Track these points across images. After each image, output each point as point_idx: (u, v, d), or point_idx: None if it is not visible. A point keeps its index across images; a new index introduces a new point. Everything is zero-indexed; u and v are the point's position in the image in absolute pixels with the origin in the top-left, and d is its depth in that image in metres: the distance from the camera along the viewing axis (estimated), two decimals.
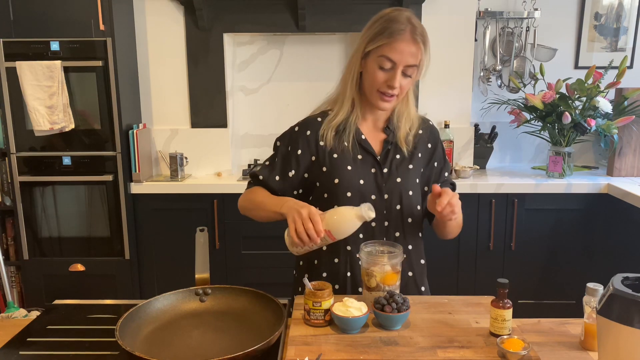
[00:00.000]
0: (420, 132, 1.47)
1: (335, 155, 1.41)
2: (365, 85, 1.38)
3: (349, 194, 1.38)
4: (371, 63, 1.34)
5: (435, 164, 1.49)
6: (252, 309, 1.24)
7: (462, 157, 3.16)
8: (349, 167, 1.40)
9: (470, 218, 2.86)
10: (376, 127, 1.46)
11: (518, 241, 2.88)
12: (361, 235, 1.39)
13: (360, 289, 1.38)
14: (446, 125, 3.08)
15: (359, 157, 1.41)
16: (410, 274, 1.45)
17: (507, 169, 3.26)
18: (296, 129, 1.45)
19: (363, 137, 1.43)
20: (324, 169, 1.41)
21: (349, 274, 1.41)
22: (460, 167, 3.00)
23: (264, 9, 2.99)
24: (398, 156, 1.43)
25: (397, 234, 1.42)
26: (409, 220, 1.43)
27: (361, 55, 1.36)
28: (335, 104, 1.43)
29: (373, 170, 1.41)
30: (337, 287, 1.40)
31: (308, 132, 1.43)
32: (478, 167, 3.15)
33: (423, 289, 1.49)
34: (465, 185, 2.82)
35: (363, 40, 1.35)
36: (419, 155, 1.46)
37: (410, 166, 1.44)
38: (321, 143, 1.41)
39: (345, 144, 1.40)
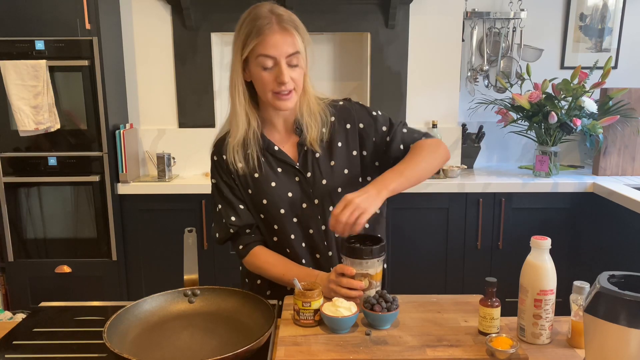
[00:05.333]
0: (332, 119, 1.39)
1: (256, 175, 1.37)
2: (259, 93, 1.33)
3: (282, 211, 1.37)
4: (254, 68, 1.28)
5: (374, 138, 1.38)
6: (242, 310, 1.23)
7: (450, 156, 3.18)
8: (273, 184, 1.37)
9: (458, 217, 2.88)
10: (287, 130, 1.39)
11: (505, 240, 2.91)
12: (303, 244, 1.40)
13: None
14: (434, 125, 3.10)
15: (279, 169, 1.37)
16: None
17: (495, 168, 3.28)
18: (215, 158, 1.41)
19: (276, 147, 1.38)
20: (250, 191, 1.39)
21: (303, 261, 1.41)
22: (448, 166, 3.01)
23: None
24: (317, 155, 1.37)
25: (337, 235, 1.37)
26: (339, 190, 1.39)
27: (240, 65, 1.30)
28: (231, 123, 1.36)
29: (297, 178, 1.38)
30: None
31: (224, 157, 1.38)
32: (466, 167, 3.18)
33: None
34: (452, 184, 2.84)
35: (236, 49, 1.30)
36: (339, 144, 1.38)
37: (332, 162, 1.38)
38: (239, 164, 1.37)
39: (262, 159, 1.36)
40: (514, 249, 2.90)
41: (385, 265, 1.31)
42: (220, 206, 1.42)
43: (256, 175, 1.37)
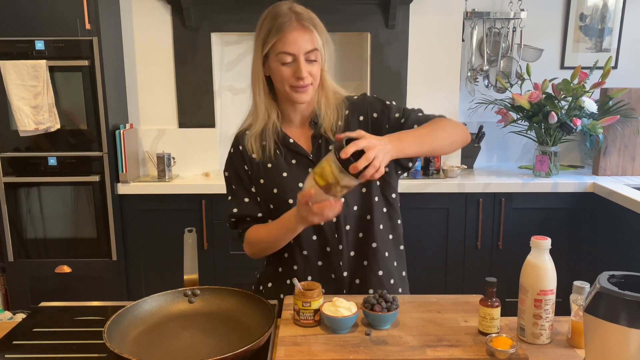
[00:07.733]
0: (347, 112, 1.42)
1: (269, 165, 1.40)
2: (277, 86, 1.36)
3: (290, 201, 1.37)
4: (273, 64, 1.32)
5: (387, 125, 1.39)
6: (242, 310, 1.23)
7: (450, 156, 3.18)
8: (285, 174, 1.39)
9: (458, 217, 2.88)
10: (303, 125, 1.43)
11: (505, 240, 2.91)
12: (314, 237, 1.39)
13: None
14: None
15: (293, 161, 1.40)
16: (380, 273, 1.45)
17: (495, 168, 3.28)
18: (231, 150, 1.46)
19: (291, 140, 1.40)
20: (261, 181, 1.41)
21: (309, 277, 1.40)
22: (448, 166, 3.01)
23: (251, 9, 2.98)
24: (331, 147, 1.36)
25: (348, 227, 1.39)
26: (355, 208, 1.40)
27: (261, 60, 1.34)
28: (252, 115, 1.42)
29: (310, 170, 1.36)
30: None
31: (240, 148, 1.43)
32: (466, 167, 3.18)
33: (400, 290, 1.49)
34: (453, 184, 2.84)
35: (257, 45, 1.34)
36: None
37: None
38: (253, 155, 1.40)
39: (277, 152, 1.39)
40: (514, 249, 2.89)
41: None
42: (229, 197, 1.47)
43: (269, 165, 1.40)
